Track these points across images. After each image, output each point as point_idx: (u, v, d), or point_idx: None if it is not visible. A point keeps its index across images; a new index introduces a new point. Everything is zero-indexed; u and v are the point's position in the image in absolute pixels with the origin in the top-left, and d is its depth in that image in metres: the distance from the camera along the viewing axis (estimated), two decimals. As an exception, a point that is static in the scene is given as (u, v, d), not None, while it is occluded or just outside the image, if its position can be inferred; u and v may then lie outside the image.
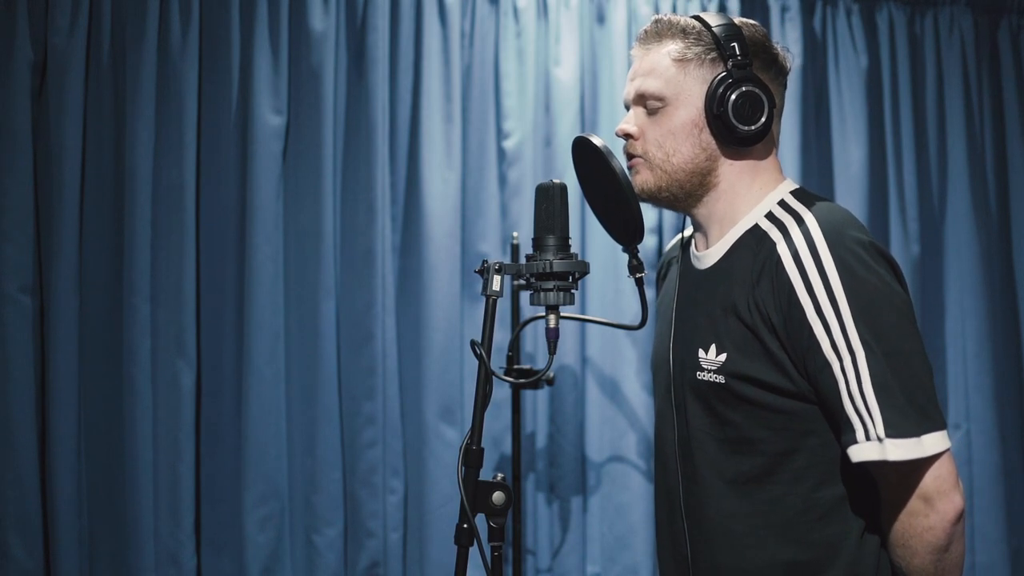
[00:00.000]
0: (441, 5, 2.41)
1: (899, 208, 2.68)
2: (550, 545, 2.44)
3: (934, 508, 1.13)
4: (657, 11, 2.53)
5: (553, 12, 2.49)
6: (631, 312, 2.40)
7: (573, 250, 1.21)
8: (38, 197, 2.21)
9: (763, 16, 2.62)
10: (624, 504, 2.44)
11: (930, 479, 1.12)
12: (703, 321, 1.27)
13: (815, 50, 2.67)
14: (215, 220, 2.31)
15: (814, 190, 2.73)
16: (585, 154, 1.25)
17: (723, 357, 1.22)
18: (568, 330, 2.40)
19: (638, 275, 1.30)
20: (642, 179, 1.29)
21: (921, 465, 1.12)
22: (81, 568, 2.20)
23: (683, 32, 1.27)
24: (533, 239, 1.21)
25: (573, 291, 1.20)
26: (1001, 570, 2.65)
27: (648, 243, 2.47)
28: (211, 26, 2.31)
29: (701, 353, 1.25)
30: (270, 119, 2.31)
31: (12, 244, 2.16)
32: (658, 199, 1.30)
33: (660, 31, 1.29)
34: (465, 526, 1.12)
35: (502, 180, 2.45)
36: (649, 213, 2.46)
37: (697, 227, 1.35)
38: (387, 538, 2.33)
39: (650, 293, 2.47)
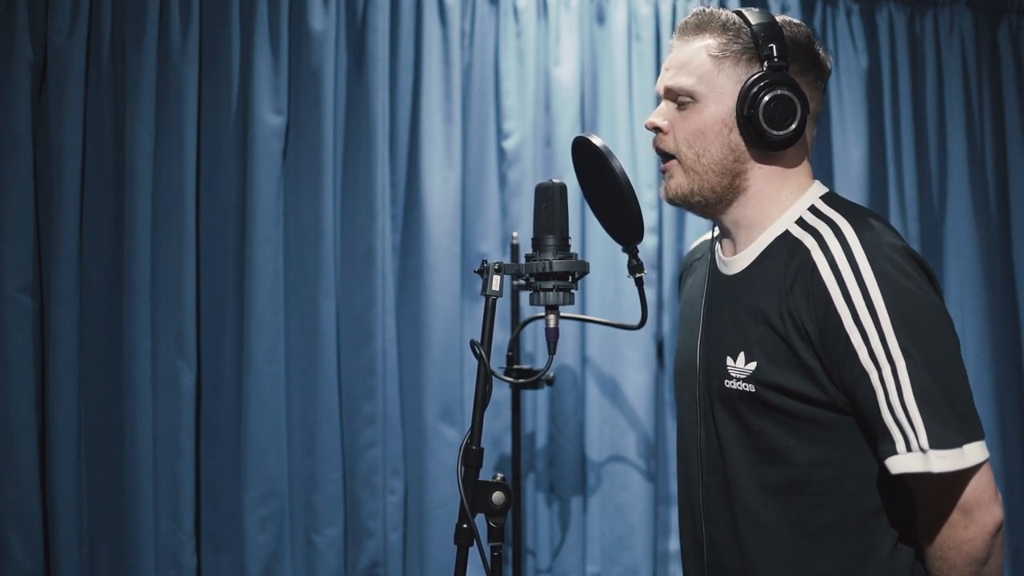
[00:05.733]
0: (441, 5, 2.41)
1: (899, 208, 2.68)
2: (550, 545, 2.44)
3: (973, 519, 1.10)
4: (657, 11, 2.54)
5: (553, 12, 2.48)
6: (631, 312, 2.40)
7: (573, 250, 1.21)
8: (38, 197, 2.21)
9: (763, 16, 2.61)
10: (624, 504, 2.44)
11: (970, 490, 1.09)
12: (731, 328, 1.25)
13: (815, 50, 2.67)
14: (215, 220, 2.31)
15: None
16: (585, 154, 1.24)
17: (753, 366, 1.19)
18: (568, 330, 2.40)
19: (638, 275, 1.29)
20: (676, 183, 1.27)
21: (962, 476, 1.09)
22: (81, 568, 2.20)
23: (723, 27, 1.24)
24: (533, 239, 1.21)
25: (573, 291, 1.20)
26: (1001, 570, 2.65)
27: (648, 243, 2.47)
28: (211, 26, 2.31)
29: (729, 361, 1.23)
30: (270, 119, 2.31)
31: (12, 244, 2.16)
32: (691, 203, 1.28)
33: (700, 24, 1.26)
34: (465, 526, 1.12)
35: (502, 180, 2.45)
36: (649, 213, 2.47)
37: (724, 232, 1.32)
38: (387, 538, 2.33)
39: (650, 293, 2.47)
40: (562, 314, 1.21)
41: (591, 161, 1.23)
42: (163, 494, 2.21)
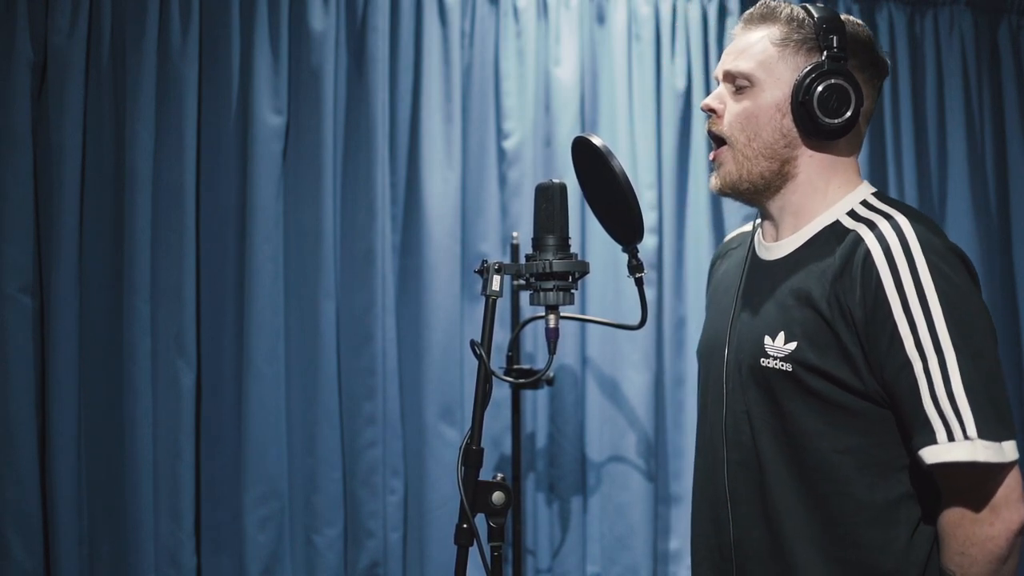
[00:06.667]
0: (441, 5, 2.41)
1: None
2: (550, 545, 2.44)
3: (1000, 517, 1.11)
4: (657, 11, 2.53)
5: (553, 12, 2.48)
6: (631, 312, 2.40)
7: (573, 250, 1.21)
8: (38, 197, 2.21)
9: (763, 16, 2.61)
10: (624, 504, 2.44)
11: (1001, 487, 1.11)
12: (771, 309, 1.26)
13: (815, 50, 2.67)
14: (215, 220, 2.31)
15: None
16: (585, 154, 1.24)
17: (792, 345, 1.20)
18: (568, 330, 2.40)
19: (638, 275, 1.29)
20: (726, 171, 1.28)
21: (995, 472, 1.11)
22: (81, 568, 2.20)
23: (787, 18, 1.26)
24: (533, 239, 1.21)
25: (573, 291, 1.20)
26: (1001, 570, 2.65)
27: (648, 243, 2.47)
28: (211, 26, 2.31)
29: (767, 340, 1.23)
30: (270, 119, 2.31)
31: (12, 244, 2.16)
32: (739, 191, 1.29)
33: (765, 14, 1.28)
34: (465, 526, 1.12)
35: (502, 180, 2.45)
36: (649, 213, 2.46)
37: (768, 217, 1.33)
38: (387, 538, 2.33)
39: (650, 293, 2.47)
40: (562, 314, 1.21)
41: (591, 161, 1.23)
42: (163, 494, 2.21)
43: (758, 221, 1.39)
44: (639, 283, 1.29)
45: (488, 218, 2.43)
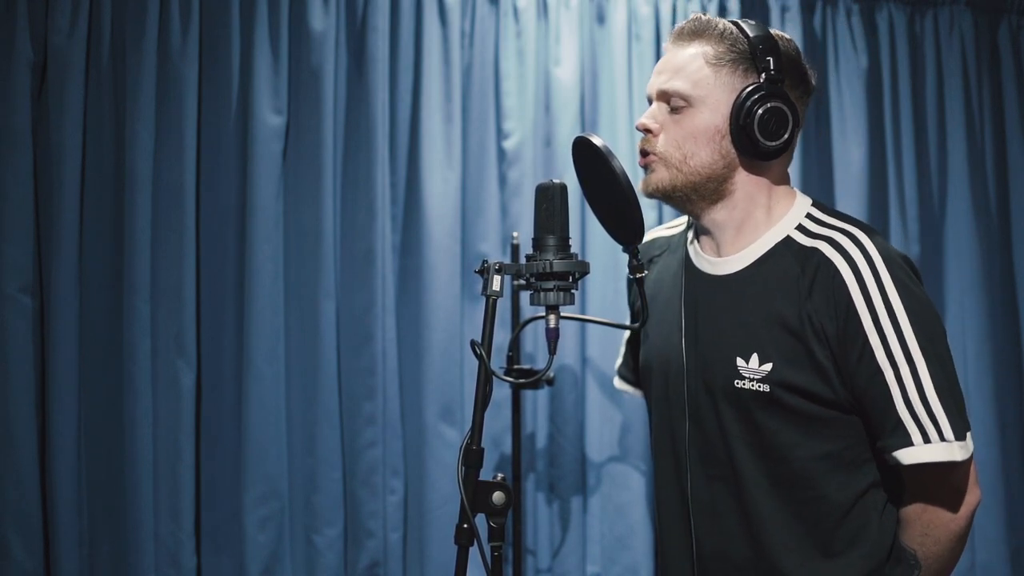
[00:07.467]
0: (441, 5, 2.41)
1: (899, 208, 2.68)
2: (550, 545, 2.44)
3: (963, 501, 1.21)
4: (657, 11, 2.54)
5: (553, 12, 2.48)
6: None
7: (573, 250, 1.21)
8: (38, 197, 2.21)
9: (763, 16, 2.62)
10: (624, 504, 2.44)
11: (963, 475, 1.21)
12: (736, 329, 1.28)
13: (815, 50, 2.67)
14: (215, 220, 2.31)
15: (814, 190, 2.74)
16: (585, 154, 1.25)
17: (768, 367, 1.24)
18: (568, 330, 2.40)
19: (638, 275, 1.29)
20: (657, 177, 1.30)
21: (962, 465, 1.20)
22: (81, 568, 2.20)
23: (720, 36, 1.26)
24: (533, 239, 1.21)
25: (573, 291, 1.20)
26: (1001, 570, 2.65)
27: (648, 243, 2.47)
28: (211, 26, 2.31)
29: (740, 362, 1.27)
30: (270, 119, 2.31)
31: (12, 244, 2.16)
32: (671, 198, 1.31)
33: (697, 30, 1.28)
34: (465, 526, 1.12)
35: (502, 180, 2.45)
36: (649, 213, 2.46)
37: (704, 231, 1.35)
38: (387, 538, 2.33)
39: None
40: (562, 314, 1.21)
41: (591, 161, 1.23)
42: (163, 494, 2.21)
43: (685, 227, 1.43)
44: (640, 283, 1.30)
45: (488, 218, 2.43)
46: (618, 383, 1.76)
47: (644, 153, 1.32)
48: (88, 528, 2.22)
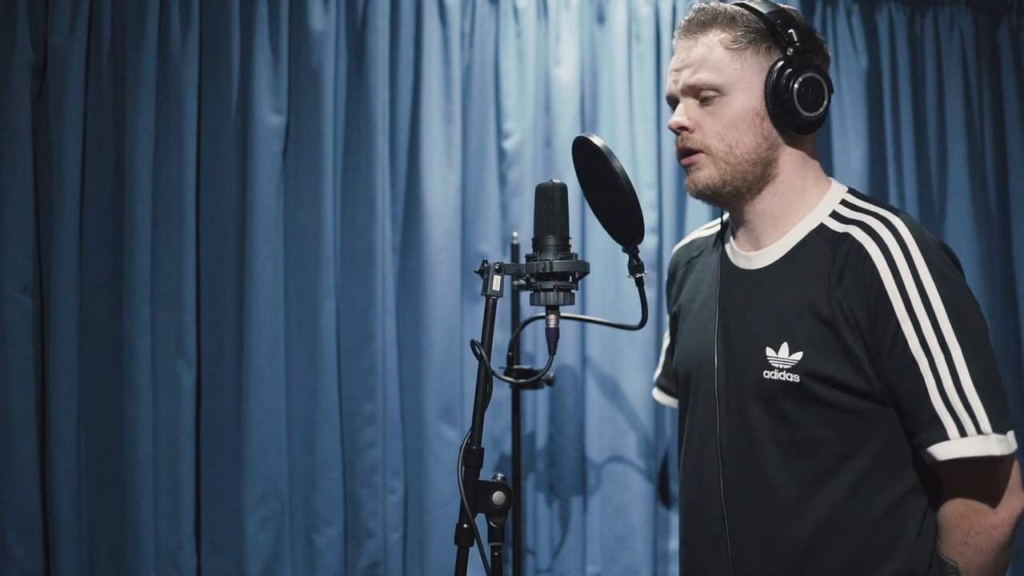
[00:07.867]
0: (441, 5, 2.41)
1: (899, 208, 2.68)
2: (550, 545, 2.44)
3: (1004, 505, 1.14)
4: (657, 11, 2.53)
5: (553, 12, 2.48)
6: (631, 312, 2.40)
7: (573, 250, 1.21)
8: (38, 197, 2.21)
9: (763, 16, 2.61)
10: (624, 504, 2.44)
11: (1004, 477, 1.13)
12: (767, 321, 1.25)
13: (815, 50, 2.67)
14: (215, 220, 2.31)
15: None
16: (585, 154, 1.24)
17: (799, 355, 1.20)
18: (568, 330, 2.40)
19: (638, 275, 1.29)
20: (706, 175, 1.27)
21: (1004, 462, 1.13)
22: (81, 568, 2.20)
23: (733, 20, 1.25)
24: (533, 239, 1.21)
25: (573, 291, 1.20)
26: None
27: (648, 243, 2.47)
28: (211, 26, 2.31)
29: (770, 352, 1.23)
30: (270, 119, 2.31)
31: (12, 244, 2.16)
32: (721, 195, 1.28)
33: (706, 20, 1.26)
34: (465, 526, 1.12)
35: (502, 180, 2.45)
36: (649, 213, 2.46)
37: (742, 224, 1.33)
38: (387, 538, 2.33)
39: (650, 293, 2.47)
40: (562, 314, 1.21)
41: (591, 161, 1.23)
42: (163, 494, 2.21)
43: (720, 224, 1.39)
44: (639, 283, 1.30)
45: (488, 218, 2.43)
46: (657, 394, 1.71)
47: (686, 152, 1.29)
48: (88, 528, 2.22)
